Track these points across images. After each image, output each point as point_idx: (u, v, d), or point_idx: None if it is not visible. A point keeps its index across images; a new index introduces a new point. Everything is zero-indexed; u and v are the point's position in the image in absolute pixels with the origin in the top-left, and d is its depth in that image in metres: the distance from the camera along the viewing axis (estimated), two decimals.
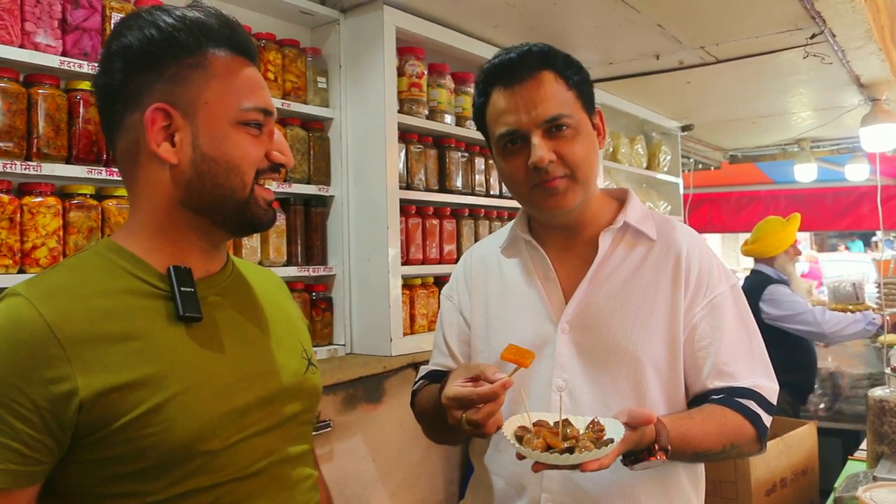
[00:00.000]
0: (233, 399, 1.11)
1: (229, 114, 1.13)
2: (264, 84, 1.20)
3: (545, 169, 1.40)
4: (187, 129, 1.12)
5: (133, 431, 1.02)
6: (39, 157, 1.89)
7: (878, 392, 2.57)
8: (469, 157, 3.17)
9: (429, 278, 2.98)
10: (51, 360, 0.99)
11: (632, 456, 1.30)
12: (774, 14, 2.88)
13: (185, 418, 1.05)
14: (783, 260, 4.39)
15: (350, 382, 2.52)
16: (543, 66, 1.44)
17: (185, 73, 1.12)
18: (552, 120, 1.41)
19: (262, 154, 1.17)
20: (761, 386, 1.45)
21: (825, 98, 4.39)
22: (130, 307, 1.09)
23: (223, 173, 1.13)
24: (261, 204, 1.18)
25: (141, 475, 1.04)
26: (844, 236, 15.33)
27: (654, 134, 4.93)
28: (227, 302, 1.20)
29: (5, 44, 1.83)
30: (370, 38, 2.68)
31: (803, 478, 3.55)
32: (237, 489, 1.10)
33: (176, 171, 1.13)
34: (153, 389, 1.04)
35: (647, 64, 3.54)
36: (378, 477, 2.66)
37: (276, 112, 1.20)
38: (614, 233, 1.52)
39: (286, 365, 1.23)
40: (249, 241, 2.42)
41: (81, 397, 0.99)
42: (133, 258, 1.13)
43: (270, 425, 1.16)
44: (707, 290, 1.47)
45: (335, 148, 2.74)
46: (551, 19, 2.89)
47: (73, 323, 1.02)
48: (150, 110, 1.10)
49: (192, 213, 1.15)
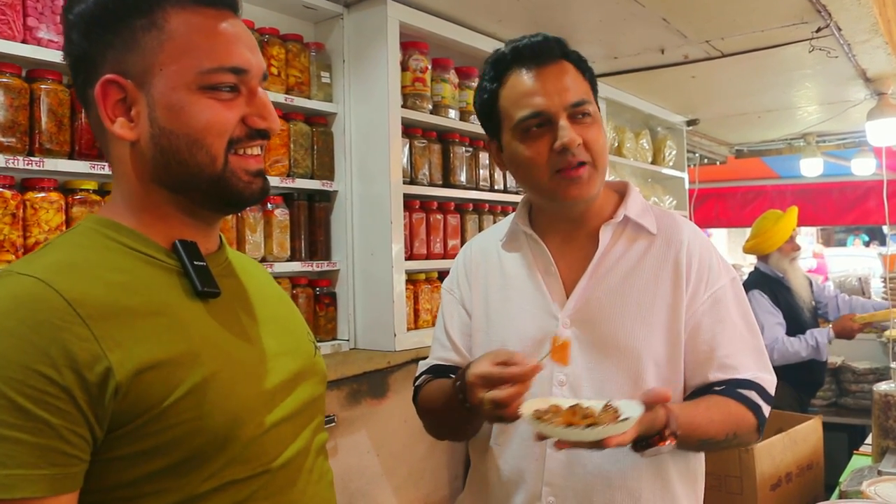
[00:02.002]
0: (262, 380, 1.03)
1: (187, 78, 0.99)
2: (240, 36, 1.04)
3: (572, 152, 1.40)
4: (143, 100, 1.00)
5: (170, 419, 0.91)
6: (42, 152, 1.89)
7: (883, 386, 2.57)
8: (473, 151, 3.16)
9: (433, 273, 2.98)
10: (79, 340, 0.86)
11: (643, 441, 1.30)
12: (780, 8, 2.87)
13: (224, 400, 0.95)
14: (777, 257, 4.34)
15: (354, 377, 2.52)
16: (563, 55, 1.46)
17: (138, 36, 0.99)
18: (578, 105, 1.42)
19: (236, 120, 1.02)
20: (761, 378, 1.47)
21: (831, 92, 4.37)
22: (147, 281, 0.98)
23: (185, 148, 1.00)
24: (241, 176, 1.04)
25: (174, 470, 0.92)
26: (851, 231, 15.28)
27: (659, 128, 4.92)
28: (233, 282, 1.12)
29: (7, 39, 1.83)
30: (374, 33, 2.67)
31: (809, 472, 3.54)
32: (272, 482, 1.01)
33: (137, 148, 1.01)
34: (189, 369, 0.94)
35: (651, 58, 3.53)
36: (382, 472, 2.66)
37: (262, 67, 1.06)
38: (615, 227, 1.52)
39: (299, 346, 1.17)
40: (252, 236, 2.42)
41: (118, 380, 0.87)
42: (132, 233, 1.02)
43: (295, 409, 1.08)
44: (708, 284, 1.48)
45: (339, 143, 2.74)
46: (556, 13, 2.88)
47: (95, 297, 0.90)
48: (101, 83, 0.99)
49: (168, 191, 1.03)
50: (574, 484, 1.43)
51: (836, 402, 5.05)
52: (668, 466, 1.47)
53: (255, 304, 1.13)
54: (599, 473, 1.42)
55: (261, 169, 1.07)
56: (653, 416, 1.27)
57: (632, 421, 1.19)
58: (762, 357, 1.50)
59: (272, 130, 1.06)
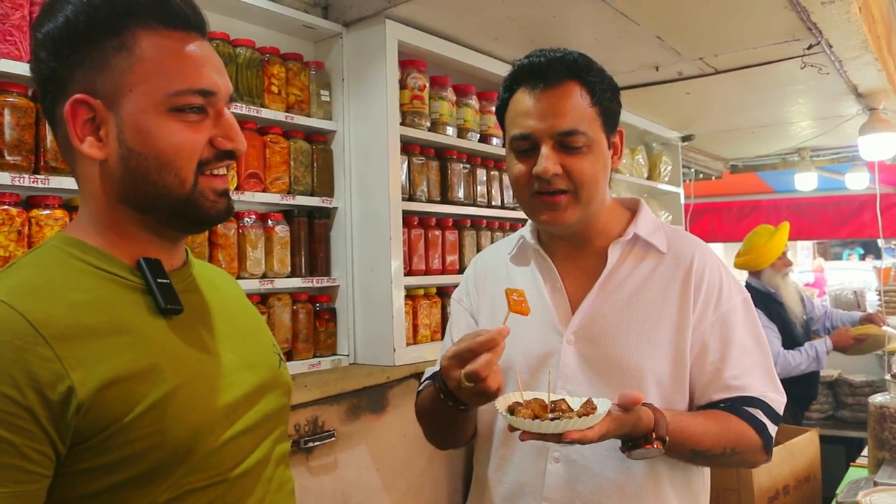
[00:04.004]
0: (223, 394, 1.05)
1: (156, 100, 1.00)
2: (208, 59, 1.05)
3: (548, 180, 1.40)
4: (112, 121, 1.01)
5: (132, 433, 0.93)
6: (47, 170, 1.92)
7: (878, 398, 2.59)
8: (471, 168, 3.20)
9: (431, 289, 3.00)
10: (41, 361, 0.88)
11: (629, 442, 1.31)
12: (771, 25, 2.91)
13: (186, 414, 0.98)
14: (769, 273, 4.33)
15: (354, 392, 2.54)
16: (572, 75, 1.42)
17: (108, 57, 1.00)
18: (566, 134, 1.39)
19: (204, 142, 1.04)
20: (769, 397, 1.45)
21: (824, 107, 4.42)
22: (110, 300, 1.00)
23: (154, 170, 1.01)
24: (208, 196, 1.05)
25: (136, 481, 0.94)
26: (847, 245, 15.34)
27: (654, 144, 4.96)
28: (196, 297, 1.13)
29: (14, 59, 1.86)
30: (373, 52, 2.71)
31: (806, 485, 3.55)
32: (229, 491, 1.04)
33: (105, 167, 1.03)
34: (151, 384, 0.96)
35: (646, 75, 3.57)
36: (382, 487, 2.67)
37: (229, 88, 1.07)
38: (623, 245, 1.50)
39: (262, 359, 1.18)
40: (253, 253, 2.45)
41: (80, 398, 0.89)
42: (96, 251, 1.03)
43: (256, 421, 1.10)
44: (716, 305, 1.46)
45: (338, 160, 2.77)
46: (551, 32, 2.92)
47: (57, 318, 0.92)
48: (70, 103, 1.00)
49: (134, 211, 1.05)
50: (572, 499, 1.43)
51: (834, 415, 5.06)
52: (667, 485, 1.45)
53: (219, 319, 1.14)
54: (598, 491, 1.42)
55: (226, 189, 1.09)
56: (634, 418, 1.27)
57: (594, 418, 1.20)
58: (771, 378, 1.49)
59: (239, 151, 1.08)
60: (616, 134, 1.50)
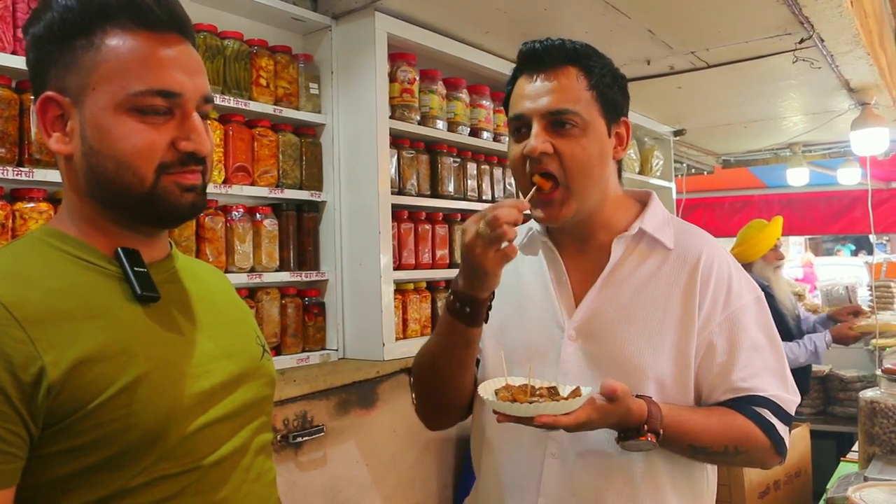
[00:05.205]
0: (199, 381, 1.06)
1: (117, 99, 1.01)
2: (176, 59, 1.05)
3: (538, 159, 1.38)
4: (77, 118, 1.04)
5: (102, 416, 0.95)
6: (32, 162, 1.90)
7: (869, 393, 2.59)
8: (461, 162, 3.19)
9: (421, 283, 3.00)
10: (14, 342, 0.91)
11: (622, 434, 1.29)
12: (763, 19, 2.90)
13: (156, 399, 0.99)
14: (761, 265, 4.35)
15: (343, 387, 2.53)
16: (570, 61, 1.42)
17: (77, 55, 1.02)
18: (557, 113, 1.38)
19: (165, 143, 1.04)
20: (779, 397, 1.41)
21: (815, 102, 4.42)
22: (85, 286, 1.02)
23: (112, 168, 1.03)
24: (172, 191, 1.05)
25: (107, 465, 0.96)
26: (838, 240, 15.38)
27: (646, 139, 4.95)
28: (176, 287, 1.14)
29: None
30: (362, 45, 2.69)
31: (796, 480, 3.56)
32: (203, 478, 1.04)
33: (72, 162, 1.06)
34: (122, 368, 0.97)
35: (638, 69, 3.56)
36: (372, 482, 2.66)
37: (201, 89, 1.08)
38: (628, 240, 1.47)
39: (243, 349, 1.19)
40: (241, 247, 2.43)
41: (51, 379, 0.92)
42: (76, 241, 1.06)
43: (233, 409, 1.11)
44: (725, 305, 1.42)
45: (327, 153, 2.75)
46: (542, 25, 2.90)
47: (31, 302, 0.95)
48: (41, 100, 1.04)
49: (100, 206, 1.07)
50: (570, 495, 1.41)
51: (824, 410, 5.07)
52: (667, 485, 1.42)
53: (200, 309, 1.16)
54: (594, 488, 1.40)
55: (195, 185, 1.08)
56: (621, 409, 1.25)
57: (570, 404, 1.20)
58: (784, 378, 1.45)
59: (200, 153, 1.07)
60: (620, 124, 1.48)
